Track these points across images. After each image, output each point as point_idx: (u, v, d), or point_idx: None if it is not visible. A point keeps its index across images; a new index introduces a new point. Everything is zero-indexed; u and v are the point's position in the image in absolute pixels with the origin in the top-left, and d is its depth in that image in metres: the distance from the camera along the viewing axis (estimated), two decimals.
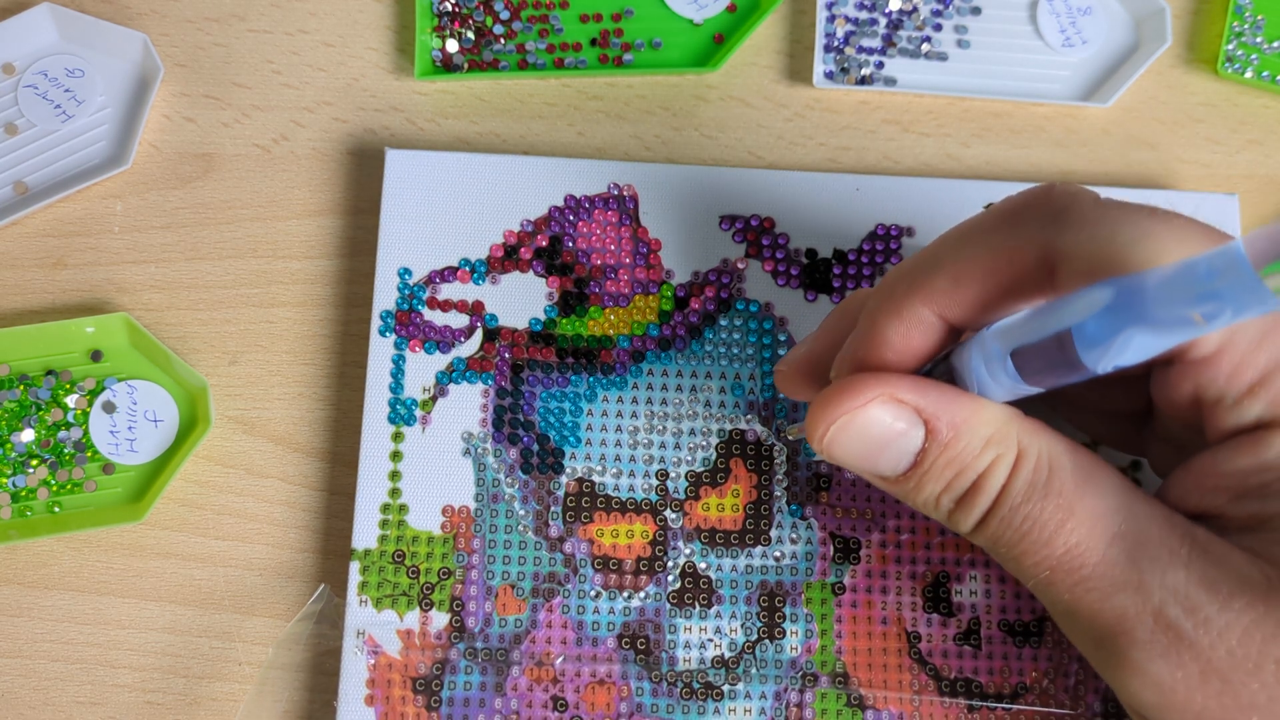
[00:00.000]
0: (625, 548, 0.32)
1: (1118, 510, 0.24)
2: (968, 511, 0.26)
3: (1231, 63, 0.38)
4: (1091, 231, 0.23)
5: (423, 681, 0.31)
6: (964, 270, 0.24)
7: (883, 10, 0.38)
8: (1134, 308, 0.20)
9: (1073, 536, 0.24)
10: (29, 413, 0.33)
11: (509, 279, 0.34)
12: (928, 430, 0.25)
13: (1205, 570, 0.23)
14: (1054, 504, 0.24)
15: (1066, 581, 0.25)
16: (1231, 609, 0.23)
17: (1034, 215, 0.24)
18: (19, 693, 0.32)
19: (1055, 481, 0.25)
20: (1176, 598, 0.23)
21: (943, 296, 0.25)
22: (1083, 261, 0.22)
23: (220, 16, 0.37)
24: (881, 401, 0.25)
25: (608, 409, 0.33)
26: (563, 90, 0.37)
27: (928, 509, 0.27)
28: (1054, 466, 0.25)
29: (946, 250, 0.25)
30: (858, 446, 0.25)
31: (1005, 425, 0.25)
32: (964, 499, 0.26)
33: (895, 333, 0.25)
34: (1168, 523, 0.24)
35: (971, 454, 0.25)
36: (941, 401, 0.25)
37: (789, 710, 0.31)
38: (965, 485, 0.25)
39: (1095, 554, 0.24)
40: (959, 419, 0.25)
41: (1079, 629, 0.25)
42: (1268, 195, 0.37)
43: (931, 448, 0.25)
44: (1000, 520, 0.25)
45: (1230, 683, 0.23)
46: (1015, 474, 0.25)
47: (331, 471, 0.34)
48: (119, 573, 0.33)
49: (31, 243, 0.35)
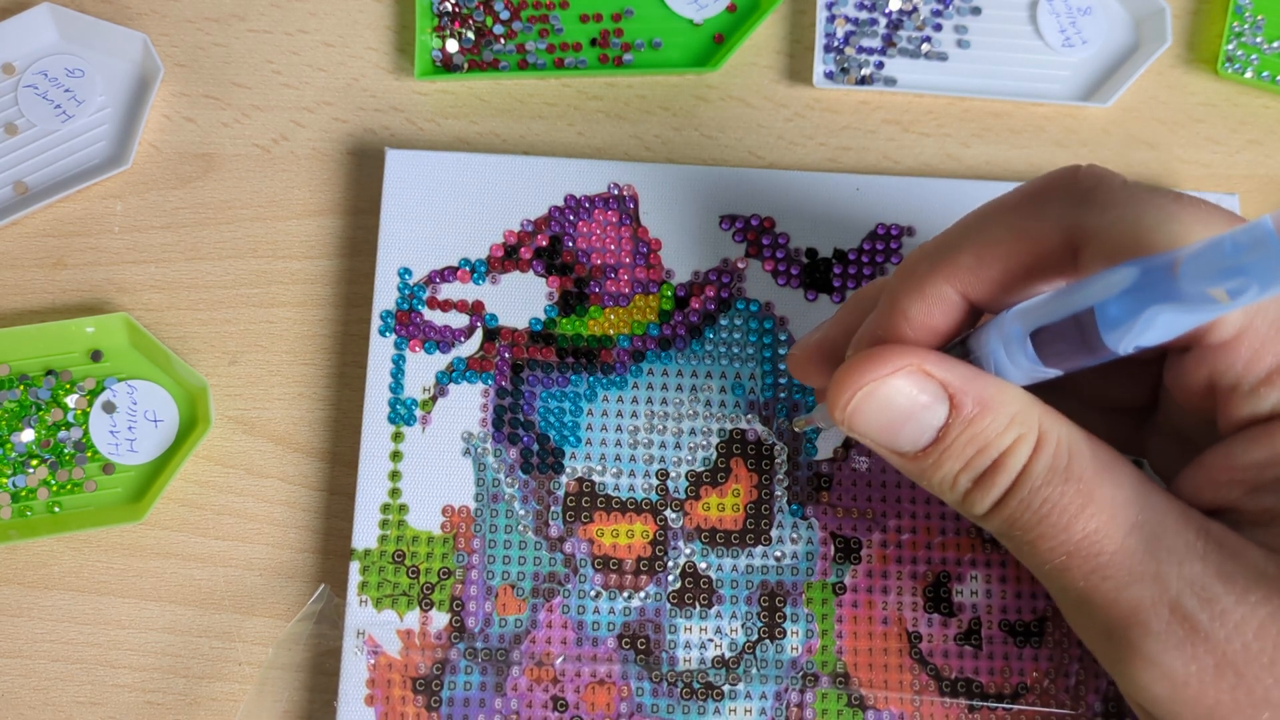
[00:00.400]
0: (625, 548, 0.32)
1: (1135, 500, 0.24)
2: (986, 491, 0.25)
3: (1231, 63, 0.38)
4: (1118, 213, 0.23)
5: (423, 681, 0.31)
6: (988, 249, 0.24)
7: (883, 10, 0.38)
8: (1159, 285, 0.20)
9: (1091, 523, 0.24)
10: (29, 413, 0.33)
11: (509, 279, 0.34)
12: (952, 405, 0.24)
13: (1221, 564, 0.23)
14: (1074, 489, 0.24)
15: (1082, 569, 0.24)
16: (1247, 602, 0.23)
17: (1060, 195, 0.24)
18: (19, 693, 0.32)
19: (1075, 467, 0.24)
20: (1193, 589, 0.23)
21: (966, 274, 0.25)
22: (1108, 243, 0.22)
23: (220, 16, 0.37)
24: (909, 372, 0.24)
25: (608, 409, 0.33)
26: (563, 90, 0.37)
27: (943, 489, 0.26)
28: (1074, 452, 0.25)
29: (970, 229, 0.25)
30: (881, 417, 0.25)
31: (1028, 407, 0.25)
32: (983, 478, 0.25)
33: (917, 310, 0.25)
34: (1183, 516, 0.24)
35: (995, 431, 0.24)
36: (968, 377, 0.24)
37: (789, 710, 0.31)
38: (985, 464, 0.25)
39: (1114, 542, 0.24)
40: (985, 395, 0.24)
41: (1090, 619, 0.25)
42: (1268, 195, 0.37)
43: (955, 423, 0.25)
44: (1019, 502, 0.25)
45: (1244, 677, 0.23)
46: (1036, 456, 0.25)
47: (331, 471, 0.34)
48: (119, 573, 0.33)
49: (31, 243, 0.35)
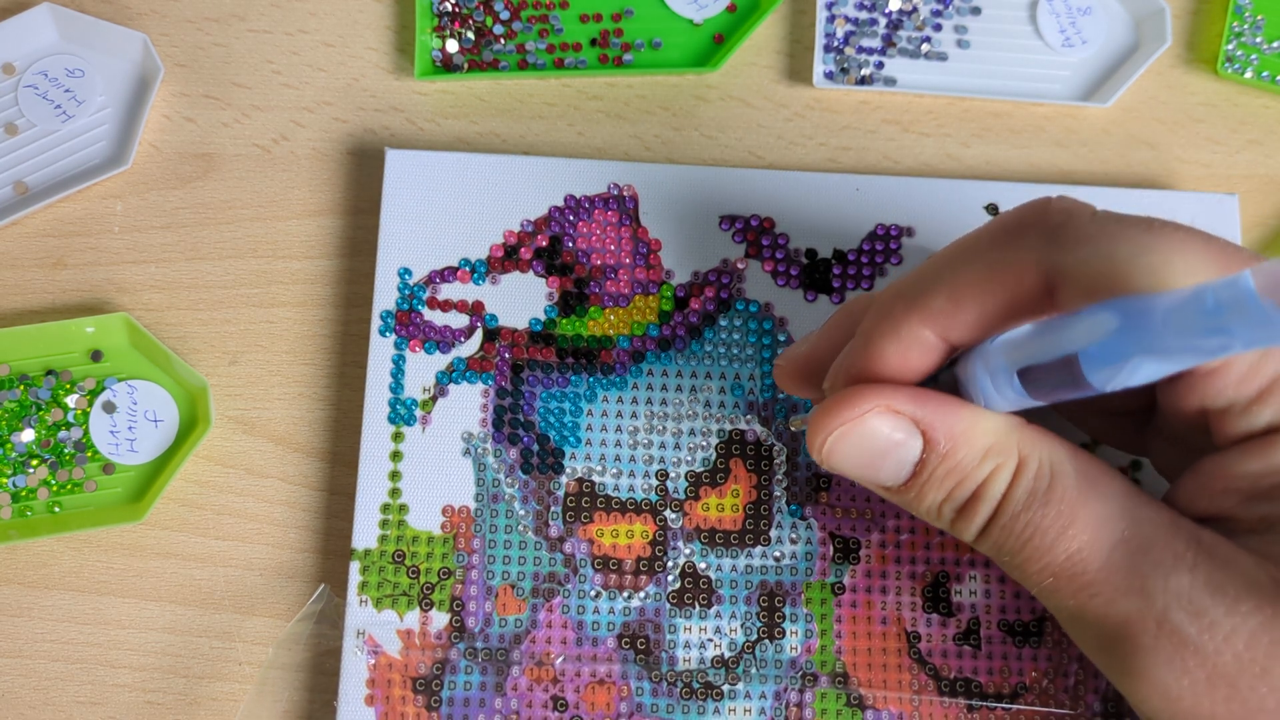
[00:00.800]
0: (625, 548, 0.32)
1: (1121, 516, 0.24)
2: (969, 520, 0.26)
3: (1231, 63, 0.38)
4: (1091, 249, 0.22)
5: (423, 681, 0.31)
6: (962, 289, 0.24)
7: (883, 10, 0.38)
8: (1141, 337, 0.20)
9: (1074, 543, 0.24)
10: (29, 413, 0.33)
11: (509, 279, 0.34)
12: (925, 440, 0.25)
13: (1211, 574, 0.23)
14: (1055, 511, 0.24)
15: (1070, 588, 0.25)
16: (1238, 612, 0.23)
17: (1032, 231, 0.24)
18: (19, 693, 0.32)
19: (1057, 488, 0.25)
20: (1181, 603, 0.23)
21: (942, 317, 0.25)
22: (1084, 280, 0.22)
23: (220, 16, 0.37)
24: (878, 412, 0.25)
25: (608, 409, 0.33)
26: (563, 90, 0.37)
27: (930, 518, 0.27)
28: (1056, 473, 0.25)
29: (944, 269, 0.25)
30: (857, 456, 0.26)
31: (1005, 435, 0.25)
32: (965, 508, 0.26)
33: (893, 352, 0.25)
34: (1173, 527, 0.24)
35: (971, 464, 0.25)
36: (939, 412, 0.25)
37: (789, 710, 0.31)
38: (966, 495, 0.25)
39: (1098, 560, 0.24)
40: (957, 430, 0.25)
41: (1086, 635, 0.25)
42: (1268, 195, 0.37)
43: (930, 458, 0.25)
44: (1001, 529, 0.25)
45: (1238, 688, 0.23)
46: (1016, 482, 0.25)
47: (331, 471, 0.34)
48: (119, 573, 0.33)
49: (31, 243, 0.35)
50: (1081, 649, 0.26)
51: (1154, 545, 0.24)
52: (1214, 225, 0.35)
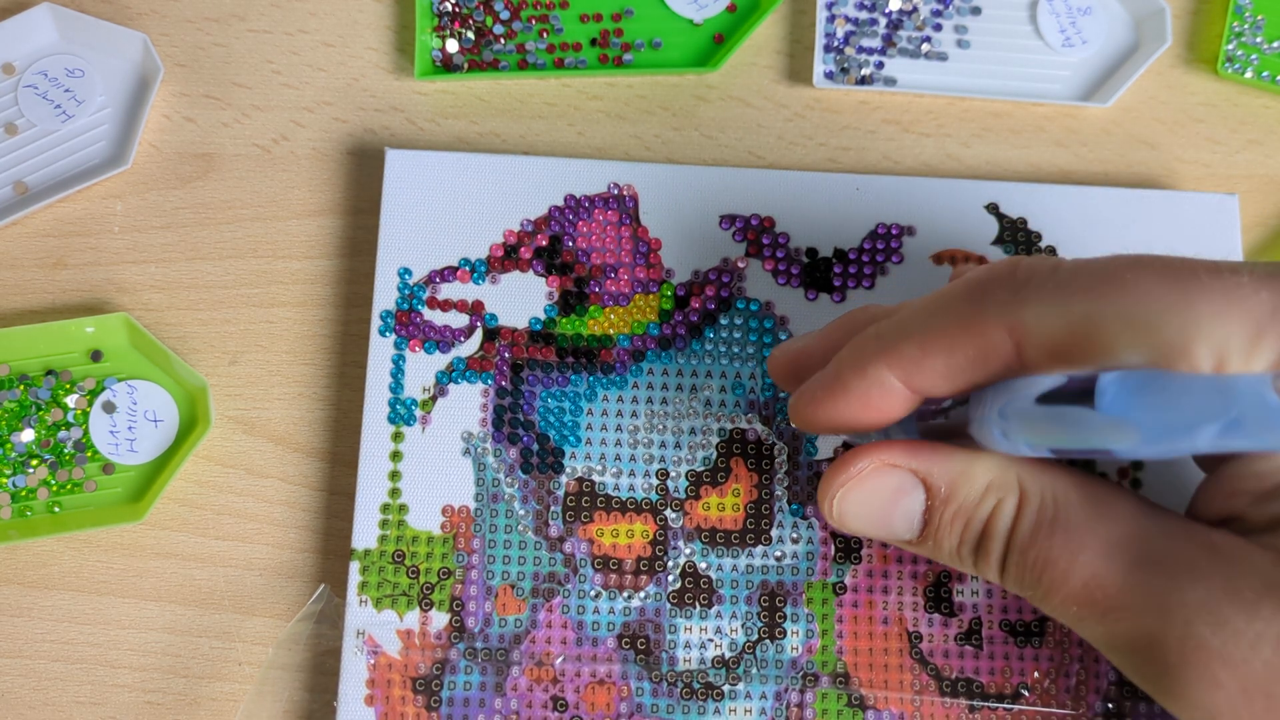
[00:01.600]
0: (625, 547, 0.32)
1: (1134, 535, 0.24)
2: (986, 559, 0.26)
3: (1231, 63, 0.38)
4: (1048, 307, 0.23)
5: (423, 681, 0.31)
6: (931, 340, 0.24)
7: (883, 10, 0.38)
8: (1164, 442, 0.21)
9: (1088, 569, 0.24)
10: (29, 413, 0.33)
11: (509, 279, 0.34)
12: (926, 488, 0.26)
13: (1228, 579, 0.23)
14: (1063, 539, 0.25)
15: (1094, 614, 0.24)
16: (1260, 617, 0.22)
17: (998, 288, 0.24)
18: (19, 693, 0.32)
19: (1063, 517, 0.25)
20: (1201, 614, 0.23)
21: (909, 364, 0.25)
22: (1042, 339, 0.23)
23: (220, 16, 0.37)
24: (875, 468, 0.26)
25: (608, 408, 0.33)
26: (563, 90, 0.37)
27: (956, 564, 0.27)
28: (1060, 503, 0.25)
29: (917, 317, 0.25)
30: (865, 513, 0.27)
31: (1004, 470, 0.25)
32: (979, 548, 0.26)
33: (855, 389, 0.26)
34: (1186, 536, 0.24)
35: (973, 501, 0.26)
36: (934, 459, 0.26)
37: (789, 710, 0.31)
38: (976, 534, 0.26)
39: (1115, 583, 0.24)
40: (954, 471, 0.26)
41: (1124, 661, 0.25)
42: (1268, 195, 0.37)
43: (935, 504, 0.26)
44: (1016, 564, 0.26)
45: (1274, 697, 0.22)
46: (1021, 515, 0.25)
47: (331, 471, 0.34)
48: (119, 573, 0.33)
49: (31, 243, 0.35)
50: (1129, 677, 0.25)
51: (1169, 559, 0.24)
52: (1214, 225, 0.35)
